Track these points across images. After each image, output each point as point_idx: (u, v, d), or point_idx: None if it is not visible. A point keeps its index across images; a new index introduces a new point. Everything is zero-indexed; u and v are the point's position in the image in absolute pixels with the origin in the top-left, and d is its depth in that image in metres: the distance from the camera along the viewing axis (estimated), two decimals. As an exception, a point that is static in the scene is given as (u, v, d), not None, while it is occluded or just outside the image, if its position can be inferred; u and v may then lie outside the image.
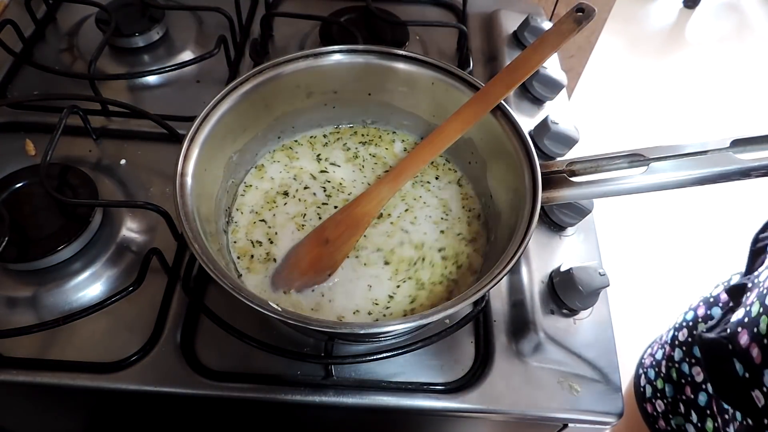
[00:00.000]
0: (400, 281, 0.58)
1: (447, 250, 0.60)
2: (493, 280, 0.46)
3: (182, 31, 0.85)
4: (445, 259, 0.59)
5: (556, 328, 0.59)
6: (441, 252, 0.60)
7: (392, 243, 0.60)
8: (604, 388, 0.56)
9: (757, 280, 0.61)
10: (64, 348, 0.55)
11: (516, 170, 0.54)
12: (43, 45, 0.83)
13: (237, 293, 0.44)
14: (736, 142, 0.52)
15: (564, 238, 0.66)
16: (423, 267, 0.59)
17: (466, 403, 0.54)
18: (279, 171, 0.65)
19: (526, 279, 0.62)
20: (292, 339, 0.57)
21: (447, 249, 0.60)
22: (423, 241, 0.60)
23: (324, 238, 0.58)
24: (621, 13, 1.94)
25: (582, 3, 0.56)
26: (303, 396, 0.54)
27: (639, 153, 0.54)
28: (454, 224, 0.62)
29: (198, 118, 0.54)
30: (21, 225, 0.59)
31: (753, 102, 2.35)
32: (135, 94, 0.78)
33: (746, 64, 2.52)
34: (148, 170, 0.69)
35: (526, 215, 0.50)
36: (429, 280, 0.58)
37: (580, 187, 0.55)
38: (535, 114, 0.79)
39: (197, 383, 0.54)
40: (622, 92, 2.35)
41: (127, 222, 0.63)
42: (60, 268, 0.59)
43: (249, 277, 0.57)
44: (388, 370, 0.56)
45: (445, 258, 0.60)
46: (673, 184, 0.53)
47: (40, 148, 0.70)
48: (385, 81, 0.64)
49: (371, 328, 0.48)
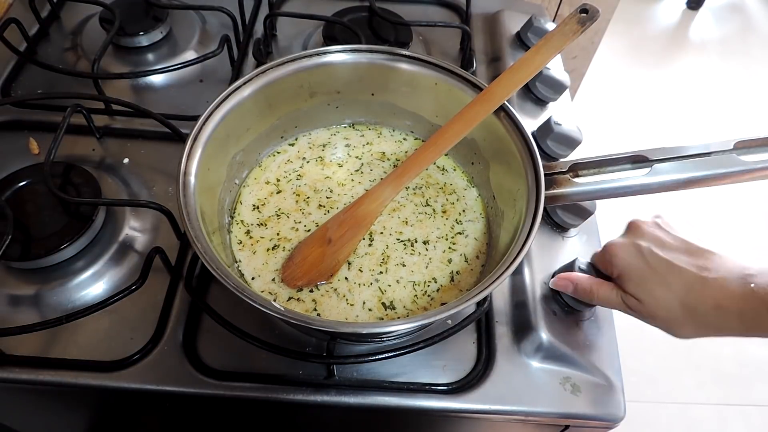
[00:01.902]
0: (404, 281, 0.58)
1: (449, 249, 0.60)
2: (496, 280, 0.46)
3: (186, 30, 0.85)
4: (450, 261, 0.59)
5: (559, 330, 0.58)
6: (444, 252, 0.60)
7: (395, 243, 0.60)
8: (607, 389, 0.56)
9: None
10: (67, 346, 0.56)
11: (519, 171, 0.54)
12: (47, 44, 0.83)
13: (239, 292, 0.44)
14: (740, 144, 0.52)
15: (566, 239, 0.66)
16: (426, 266, 0.59)
17: (468, 404, 0.54)
18: (281, 171, 0.65)
19: (528, 280, 0.61)
20: (294, 338, 0.57)
21: (449, 248, 0.60)
22: (427, 240, 0.61)
23: (327, 237, 0.58)
24: (624, 14, 1.93)
25: (586, 4, 0.56)
26: (305, 396, 0.54)
27: (642, 154, 0.54)
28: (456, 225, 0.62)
29: (201, 117, 0.54)
30: (24, 223, 0.59)
31: (757, 103, 2.34)
32: (138, 94, 0.78)
33: (750, 65, 2.51)
34: (151, 169, 0.69)
35: (529, 216, 0.50)
36: (432, 278, 0.58)
37: (582, 188, 0.55)
38: (538, 115, 0.79)
39: (199, 382, 0.54)
40: (625, 93, 2.35)
41: (129, 221, 0.64)
42: (63, 267, 0.59)
43: (251, 276, 0.58)
44: (390, 370, 0.56)
45: (449, 260, 0.60)
46: (676, 186, 0.53)
47: (44, 147, 0.70)
48: (389, 81, 0.64)
49: (373, 328, 0.48)
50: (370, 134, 0.69)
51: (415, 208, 0.63)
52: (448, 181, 0.66)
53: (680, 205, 1.93)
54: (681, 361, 1.60)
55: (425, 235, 0.61)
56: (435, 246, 0.60)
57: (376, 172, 0.66)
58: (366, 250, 0.60)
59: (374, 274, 0.58)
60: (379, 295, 0.57)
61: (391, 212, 0.63)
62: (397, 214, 0.63)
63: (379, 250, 0.60)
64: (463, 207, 0.64)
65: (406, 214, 0.63)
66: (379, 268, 0.59)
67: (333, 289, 0.57)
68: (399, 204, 0.63)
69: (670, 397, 1.56)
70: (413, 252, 0.60)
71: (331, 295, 0.57)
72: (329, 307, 0.56)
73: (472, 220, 0.63)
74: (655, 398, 1.55)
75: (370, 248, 0.60)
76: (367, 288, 0.57)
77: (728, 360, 1.62)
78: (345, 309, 0.56)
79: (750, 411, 1.55)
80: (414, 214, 0.63)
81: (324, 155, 0.67)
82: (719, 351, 1.63)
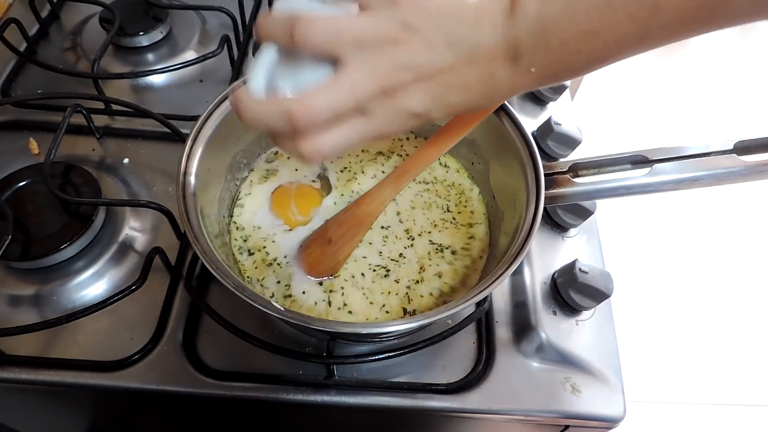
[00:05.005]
0: (405, 281, 0.58)
1: (451, 248, 0.60)
2: (497, 280, 0.46)
3: (186, 30, 0.85)
4: (454, 261, 0.59)
5: (559, 329, 0.59)
6: (446, 250, 0.60)
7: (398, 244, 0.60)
8: (607, 390, 0.56)
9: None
10: (67, 346, 0.56)
11: (519, 171, 0.54)
12: (46, 44, 0.83)
13: (240, 292, 0.44)
14: (740, 144, 0.52)
15: (566, 239, 0.66)
16: (428, 266, 0.59)
17: (468, 404, 0.54)
18: (282, 170, 0.65)
19: (528, 280, 0.61)
20: (294, 338, 0.57)
21: (451, 248, 0.60)
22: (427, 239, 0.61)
23: (327, 237, 0.58)
24: (624, 14, 1.93)
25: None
26: (305, 396, 0.54)
27: (642, 154, 0.54)
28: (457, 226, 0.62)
29: (201, 117, 0.54)
30: (24, 223, 0.59)
31: (757, 103, 2.34)
32: (138, 94, 0.78)
33: (750, 65, 2.51)
34: (151, 169, 0.69)
35: (529, 216, 0.50)
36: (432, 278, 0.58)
37: (583, 188, 0.55)
38: (538, 115, 0.79)
39: (199, 382, 0.54)
40: (625, 93, 2.35)
41: (129, 221, 0.64)
42: (63, 267, 0.59)
43: (252, 275, 0.58)
44: (390, 370, 0.56)
45: (453, 259, 0.60)
46: (676, 186, 0.53)
47: (44, 147, 0.70)
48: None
49: (373, 328, 0.48)
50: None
51: (439, 211, 0.63)
52: (456, 181, 0.66)
53: (680, 205, 1.93)
54: (681, 361, 1.60)
55: (451, 242, 0.61)
56: (459, 256, 0.60)
57: (376, 172, 0.66)
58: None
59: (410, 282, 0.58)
60: (379, 296, 0.57)
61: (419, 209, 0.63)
62: (422, 212, 0.63)
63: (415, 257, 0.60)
64: (471, 209, 0.64)
65: (433, 216, 0.63)
66: (417, 276, 0.58)
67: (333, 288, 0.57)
68: (425, 203, 0.64)
69: (670, 397, 1.56)
70: (445, 259, 0.60)
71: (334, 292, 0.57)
72: (333, 304, 0.56)
73: (480, 223, 0.63)
74: (655, 398, 1.55)
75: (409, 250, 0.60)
76: (368, 287, 0.57)
77: (728, 360, 1.62)
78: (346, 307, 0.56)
79: (750, 411, 1.55)
80: (436, 217, 0.63)
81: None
82: (719, 351, 1.63)
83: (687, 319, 1.69)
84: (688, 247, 1.87)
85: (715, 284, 1.77)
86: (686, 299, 1.74)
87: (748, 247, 1.88)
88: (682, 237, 1.89)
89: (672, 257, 1.84)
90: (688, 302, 1.73)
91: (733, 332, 1.67)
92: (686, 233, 1.90)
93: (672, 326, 1.66)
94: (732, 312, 1.71)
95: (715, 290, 1.76)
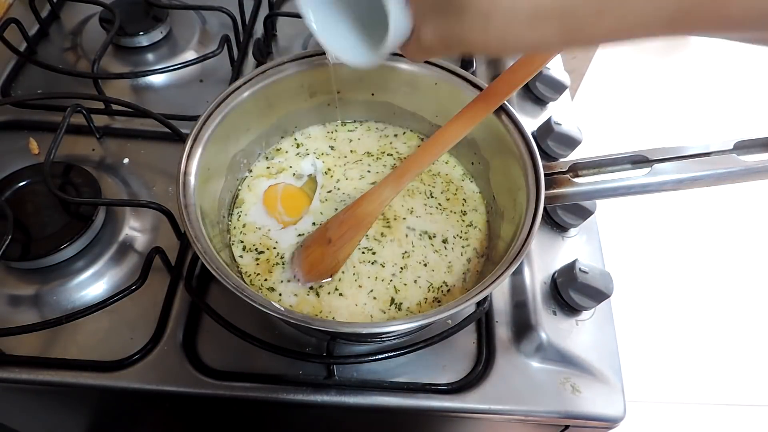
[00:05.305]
0: (405, 281, 0.58)
1: (442, 236, 0.60)
2: (496, 280, 0.46)
3: (186, 30, 0.85)
4: (442, 249, 0.60)
5: (559, 329, 0.59)
6: (445, 249, 0.60)
7: (400, 244, 0.60)
8: (606, 390, 0.56)
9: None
10: (67, 346, 0.56)
11: (519, 171, 0.54)
12: (47, 44, 0.83)
13: (240, 292, 0.44)
14: (740, 144, 0.52)
15: (566, 239, 0.66)
16: (428, 266, 0.59)
17: (468, 403, 0.54)
18: (282, 170, 0.65)
19: (528, 280, 0.61)
20: (294, 338, 0.57)
21: (450, 247, 0.60)
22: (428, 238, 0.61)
23: (327, 237, 0.58)
24: (624, 14, 1.93)
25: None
26: (305, 396, 0.54)
27: (642, 154, 0.54)
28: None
29: (201, 117, 0.54)
30: (24, 223, 0.59)
31: (757, 103, 2.34)
32: (138, 94, 0.78)
33: (750, 65, 2.51)
34: (151, 169, 0.69)
35: (529, 216, 0.50)
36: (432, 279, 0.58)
37: (583, 188, 0.55)
38: (538, 115, 0.79)
39: (199, 382, 0.54)
40: (625, 93, 2.35)
41: (129, 221, 0.64)
42: (63, 267, 0.59)
43: (252, 275, 0.58)
44: (390, 370, 0.56)
45: (442, 248, 0.60)
46: (676, 186, 0.53)
47: (44, 147, 0.70)
48: (389, 81, 0.64)
49: (373, 328, 0.48)
50: (370, 134, 0.69)
51: (422, 197, 0.64)
52: (443, 171, 0.66)
53: (680, 205, 1.93)
54: (681, 361, 1.60)
55: (441, 230, 0.61)
56: (453, 247, 0.60)
57: (376, 172, 0.66)
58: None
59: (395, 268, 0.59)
60: (379, 296, 0.57)
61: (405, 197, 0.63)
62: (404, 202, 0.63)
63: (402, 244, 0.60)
64: (463, 196, 0.64)
65: (414, 204, 0.63)
66: (401, 261, 0.59)
67: (334, 288, 0.57)
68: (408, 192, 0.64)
69: (670, 397, 1.56)
70: (434, 249, 0.60)
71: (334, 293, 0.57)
72: (334, 304, 0.56)
73: (475, 209, 0.63)
74: (655, 398, 1.55)
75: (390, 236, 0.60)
76: (369, 287, 0.57)
77: (728, 360, 1.62)
78: (346, 307, 0.56)
79: (750, 411, 1.55)
80: (423, 206, 0.63)
81: (324, 155, 0.67)
82: (719, 351, 1.63)
83: (687, 319, 1.69)
84: (688, 247, 1.87)
85: (715, 284, 1.77)
86: (686, 299, 1.74)
87: (748, 247, 1.88)
88: (682, 237, 1.89)
89: (672, 257, 1.84)
90: (688, 302, 1.73)
91: (733, 332, 1.67)
92: (686, 233, 1.90)
93: (672, 326, 1.66)
94: (732, 312, 1.71)
95: (715, 290, 1.76)
